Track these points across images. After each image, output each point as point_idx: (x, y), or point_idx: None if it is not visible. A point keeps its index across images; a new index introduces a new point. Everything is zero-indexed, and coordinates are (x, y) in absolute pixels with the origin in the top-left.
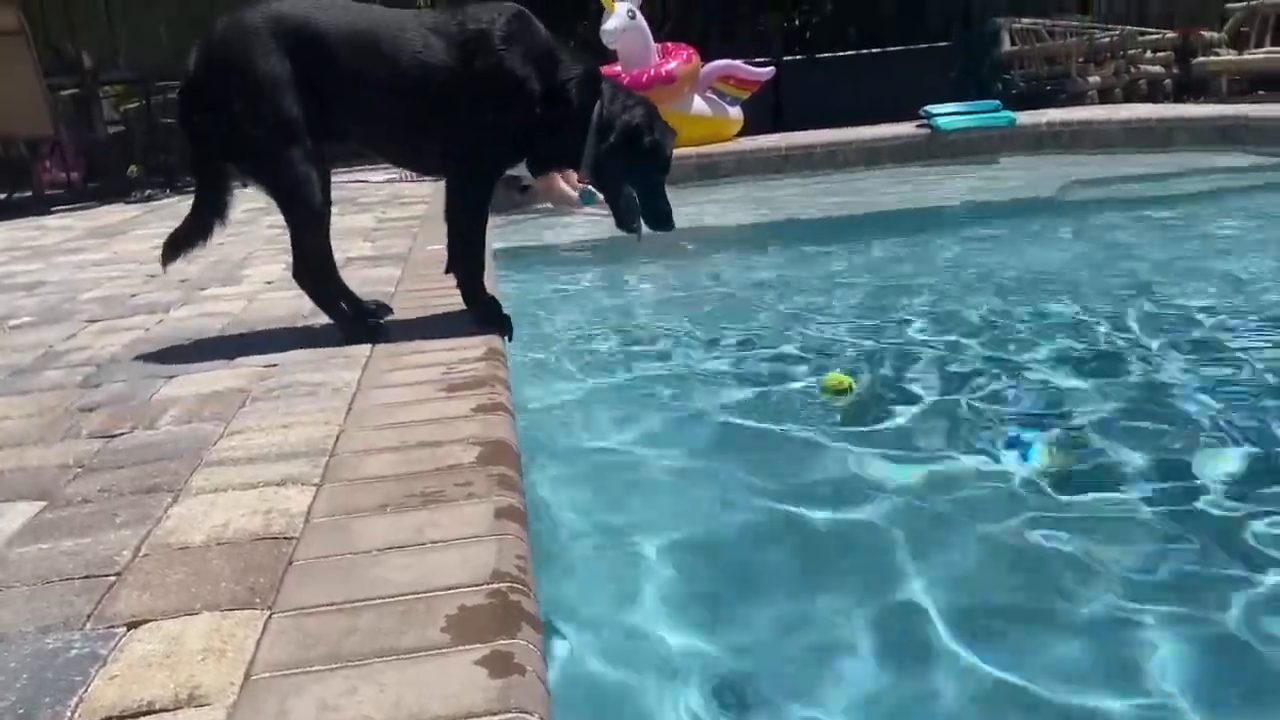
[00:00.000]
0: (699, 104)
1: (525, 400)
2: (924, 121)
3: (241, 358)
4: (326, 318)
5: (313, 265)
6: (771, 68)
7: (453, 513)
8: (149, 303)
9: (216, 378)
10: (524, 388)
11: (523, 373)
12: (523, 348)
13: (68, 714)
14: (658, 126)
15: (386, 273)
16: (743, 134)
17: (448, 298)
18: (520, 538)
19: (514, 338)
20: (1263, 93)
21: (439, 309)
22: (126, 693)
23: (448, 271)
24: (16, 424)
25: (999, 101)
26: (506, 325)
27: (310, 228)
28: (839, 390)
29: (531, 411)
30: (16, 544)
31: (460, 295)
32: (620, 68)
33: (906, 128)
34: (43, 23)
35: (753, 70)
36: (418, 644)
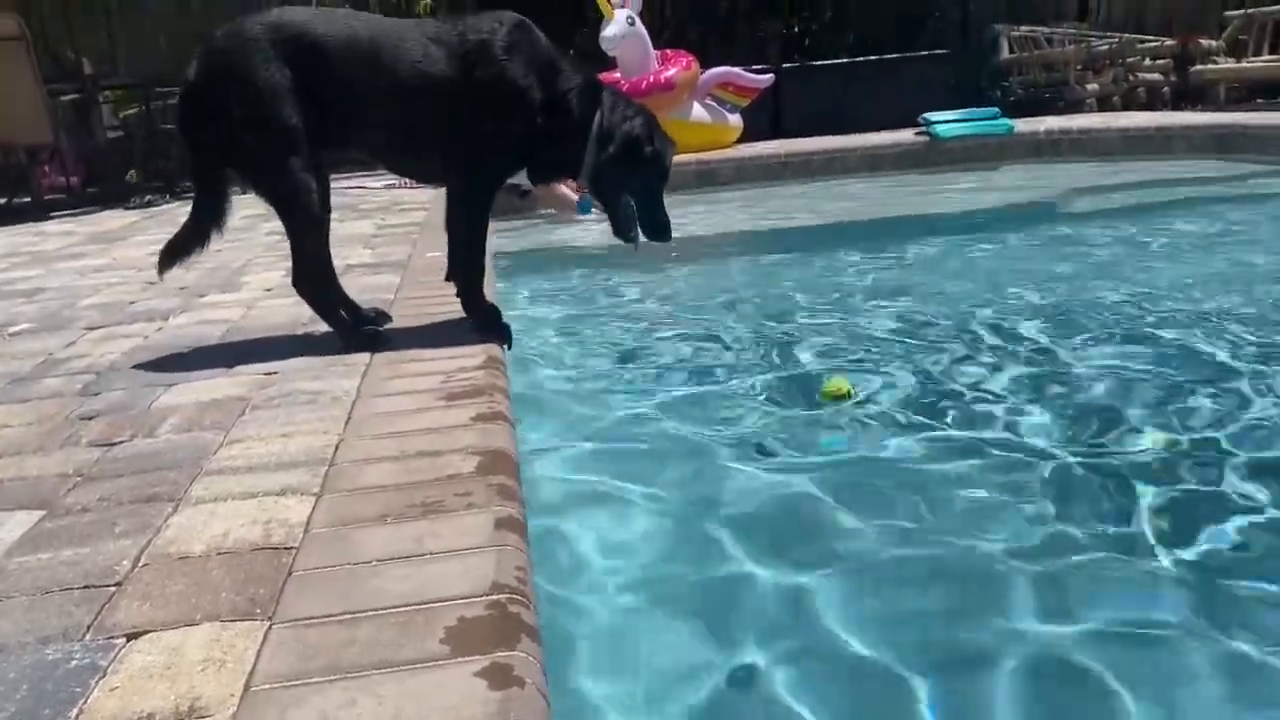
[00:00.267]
0: (698, 111)
1: (523, 404)
2: (923, 129)
3: (241, 365)
4: (326, 325)
5: (312, 272)
6: (770, 75)
7: (452, 523)
8: (148, 310)
9: (216, 386)
10: (521, 391)
11: (521, 376)
12: (522, 352)
13: None
14: (657, 137)
15: (386, 280)
16: (742, 141)
17: (447, 305)
18: (520, 548)
19: (513, 345)
20: (1261, 101)
21: (438, 317)
22: (127, 704)
23: (448, 279)
24: (16, 432)
25: (998, 109)
26: (506, 334)
27: (309, 235)
28: (839, 395)
29: (531, 414)
30: (16, 554)
31: (460, 303)
32: (619, 75)
33: (905, 135)
34: (42, 29)
35: (752, 77)
36: (417, 655)
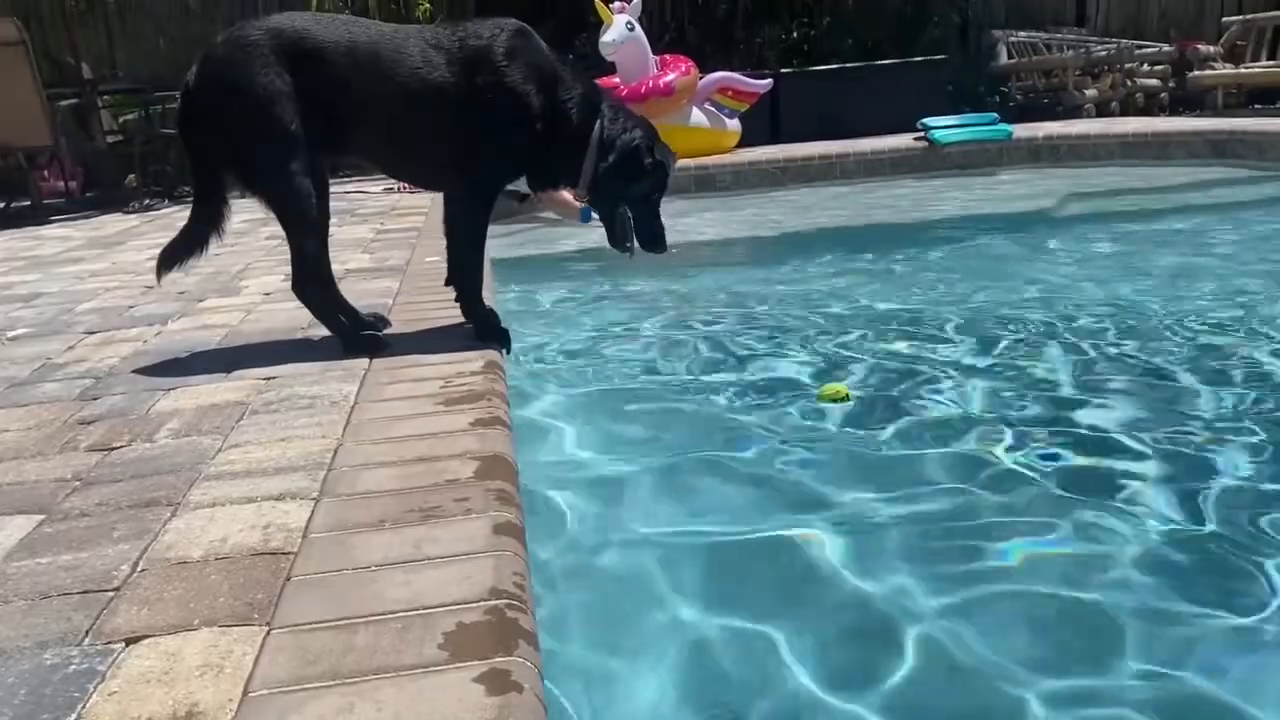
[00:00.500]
0: (697, 116)
1: (520, 409)
2: (921, 134)
3: (239, 370)
4: (324, 330)
5: (311, 276)
6: (769, 80)
7: (451, 528)
8: (147, 314)
9: (215, 390)
10: (519, 397)
11: (519, 383)
12: (520, 356)
13: None
14: (658, 148)
15: (385, 285)
16: (741, 146)
17: (446, 310)
18: (518, 554)
19: (512, 350)
20: (1258, 106)
21: (437, 321)
22: (125, 710)
23: (448, 284)
24: (14, 437)
25: (996, 115)
26: (505, 339)
27: (309, 239)
28: (836, 399)
29: (528, 419)
30: (14, 558)
31: (460, 308)
32: (619, 79)
33: (904, 140)
34: (42, 33)
35: (751, 82)
36: (416, 661)
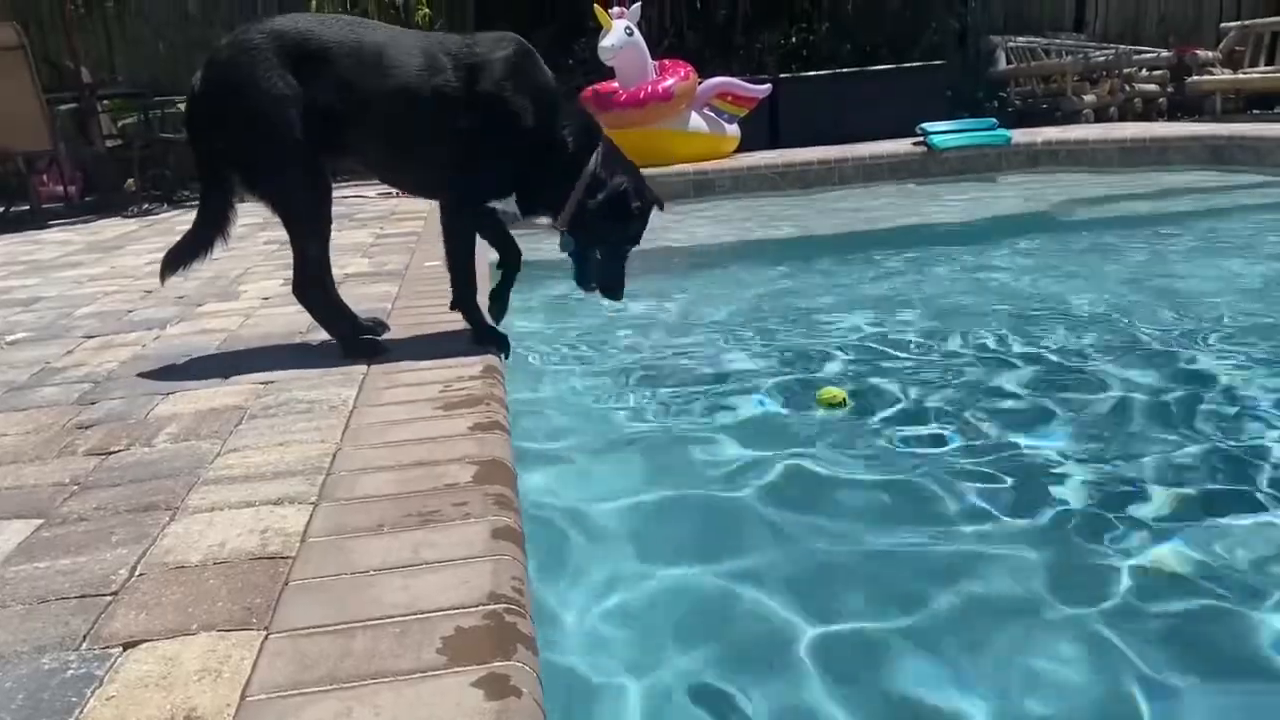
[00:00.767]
0: (696, 121)
1: (518, 413)
2: (920, 139)
3: (238, 375)
4: (323, 334)
5: (313, 279)
6: (768, 85)
7: (449, 533)
8: (146, 319)
9: (213, 395)
10: (517, 401)
11: (517, 386)
12: (519, 360)
13: None
14: (647, 195)
15: (384, 289)
16: (740, 151)
17: (444, 315)
18: (517, 559)
19: (510, 354)
20: (1256, 112)
21: (436, 326)
22: (123, 714)
23: (453, 307)
24: (13, 441)
25: (995, 120)
26: (503, 343)
27: (311, 242)
28: (834, 404)
29: (526, 423)
30: (12, 562)
31: (461, 314)
32: (618, 84)
33: (903, 145)
34: (41, 38)
35: (750, 87)
36: (414, 666)
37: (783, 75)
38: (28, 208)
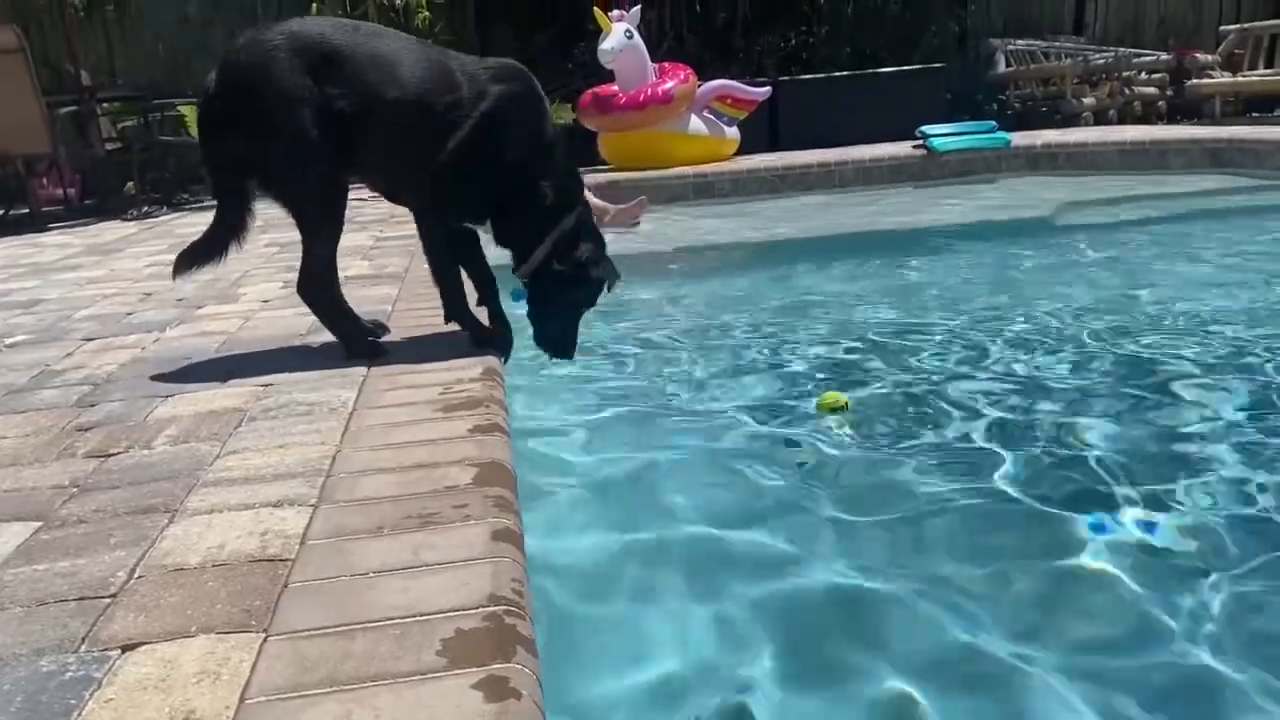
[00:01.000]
0: (696, 123)
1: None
2: (920, 142)
3: (238, 377)
4: (323, 337)
5: (319, 278)
6: (768, 88)
7: (449, 535)
8: (145, 321)
9: (213, 397)
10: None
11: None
12: (518, 363)
13: None
14: (605, 266)
15: (384, 291)
16: (739, 153)
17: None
18: (517, 561)
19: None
20: (1255, 115)
21: (436, 328)
22: (121, 717)
23: (479, 302)
24: (12, 443)
25: (994, 122)
26: (503, 346)
27: (320, 242)
28: (835, 408)
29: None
30: (11, 565)
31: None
32: (617, 87)
33: (903, 148)
34: (41, 41)
35: (750, 90)
36: (414, 668)
37: (782, 78)
38: (27, 210)
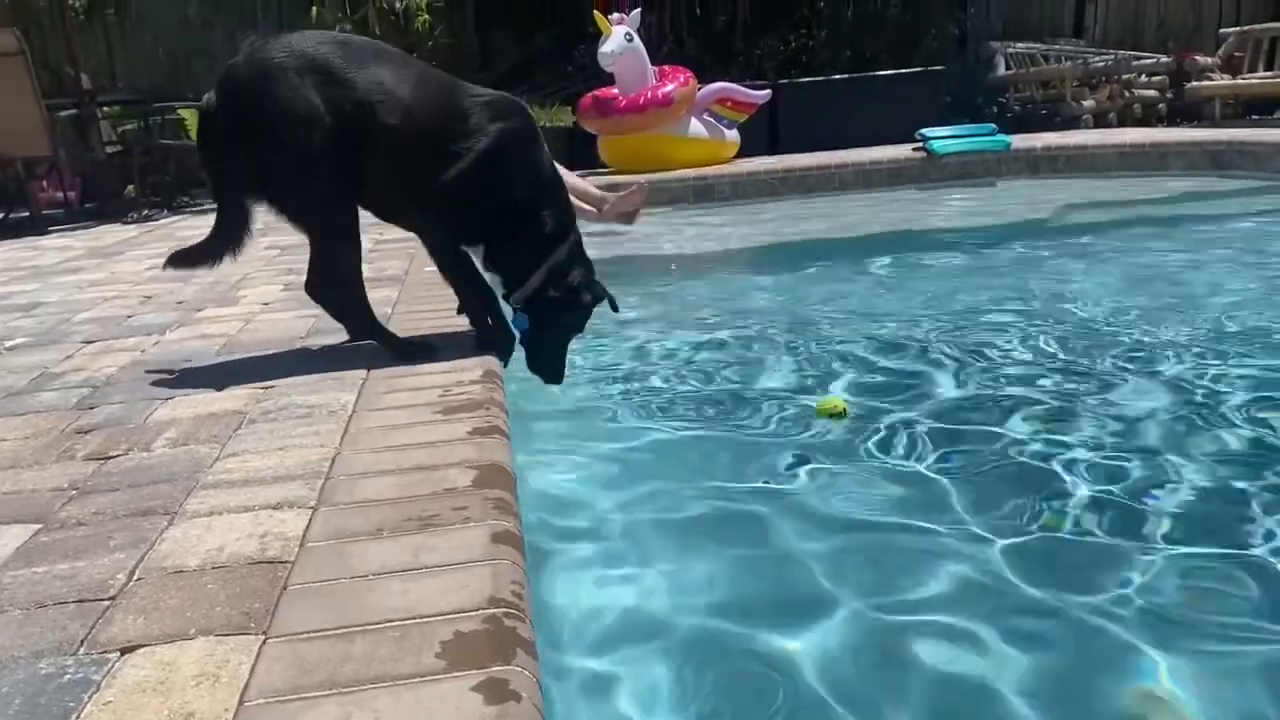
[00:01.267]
0: (696, 126)
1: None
2: (920, 145)
3: (237, 379)
4: (323, 339)
5: (346, 279)
6: (768, 91)
7: (449, 537)
8: (145, 324)
9: (212, 400)
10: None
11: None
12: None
13: None
14: (596, 289)
15: (384, 294)
16: (739, 156)
17: (444, 320)
18: (516, 563)
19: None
20: (1255, 117)
21: (435, 331)
22: (120, 719)
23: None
24: (11, 446)
25: (994, 125)
26: (504, 348)
27: (345, 256)
28: (834, 414)
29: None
30: (10, 567)
31: (470, 319)
32: (618, 90)
33: (903, 151)
34: (42, 44)
35: (750, 93)
36: (413, 670)
37: (782, 81)
38: (28, 214)
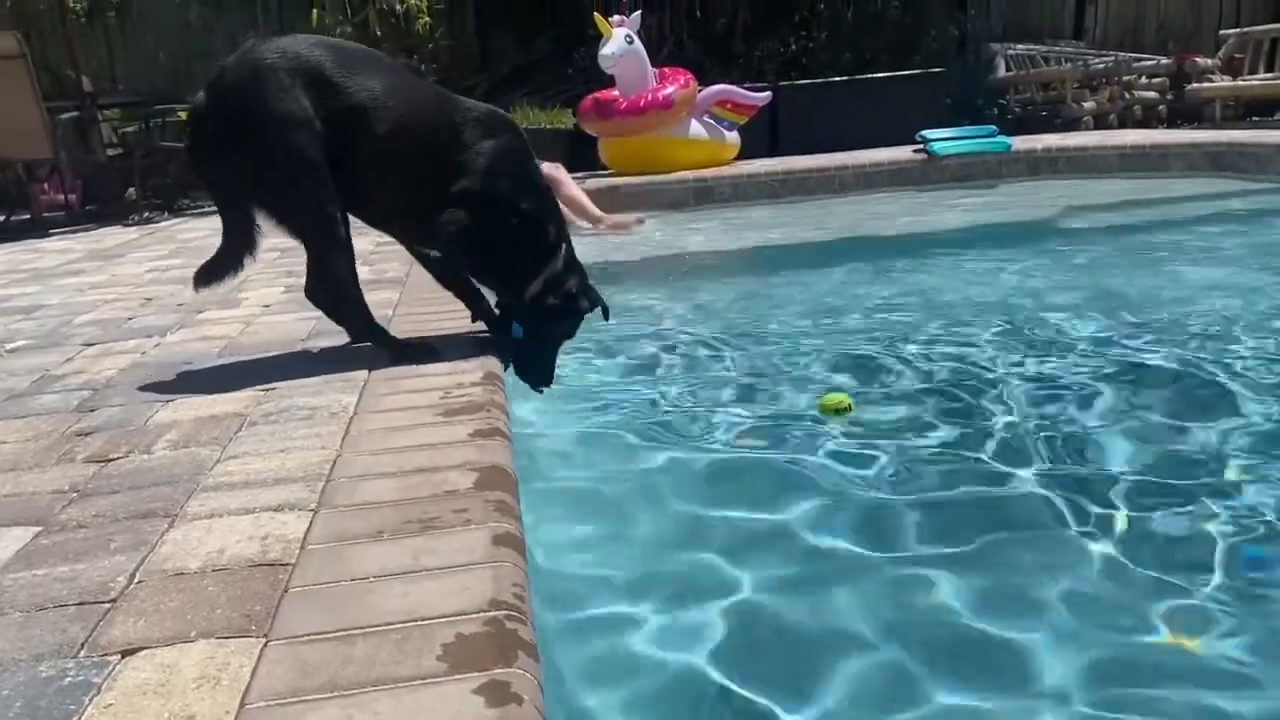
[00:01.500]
0: (696, 128)
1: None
2: (920, 147)
3: (238, 382)
4: (323, 341)
5: (338, 281)
6: (768, 93)
7: (449, 539)
8: (146, 326)
9: (213, 402)
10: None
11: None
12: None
13: None
14: (592, 295)
15: (385, 296)
16: (740, 158)
17: (445, 321)
18: (518, 565)
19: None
20: (1256, 119)
21: (436, 333)
22: None
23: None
24: (12, 448)
25: (995, 127)
26: (504, 349)
27: (337, 260)
28: (838, 410)
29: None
30: (10, 570)
31: (470, 319)
32: (618, 92)
33: (903, 153)
34: (42, 47)
35: (750, 95)
36: (414, 673)
37: (782, 83)
38: (28, 216)
